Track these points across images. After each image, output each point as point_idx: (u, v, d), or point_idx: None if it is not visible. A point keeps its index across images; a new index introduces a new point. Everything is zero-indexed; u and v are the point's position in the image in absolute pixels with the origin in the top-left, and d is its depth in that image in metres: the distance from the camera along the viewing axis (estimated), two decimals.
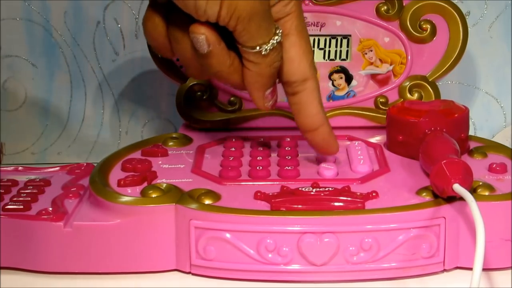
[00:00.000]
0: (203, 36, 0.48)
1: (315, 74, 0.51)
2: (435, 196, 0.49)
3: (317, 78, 0.52)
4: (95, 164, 0.58)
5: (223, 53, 0.49)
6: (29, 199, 0.53)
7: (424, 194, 0.50)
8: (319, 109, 0.52)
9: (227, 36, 0.49)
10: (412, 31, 0.66)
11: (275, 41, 0.49)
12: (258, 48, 0.48)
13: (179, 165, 0.57)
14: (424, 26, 0.66)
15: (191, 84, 0.66)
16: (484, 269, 0.43)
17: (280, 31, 0.49)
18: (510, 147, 0.60)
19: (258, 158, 0.57)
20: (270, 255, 0.48)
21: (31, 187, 0.56)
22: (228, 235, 0.48)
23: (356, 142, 0.60)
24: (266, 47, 0.48)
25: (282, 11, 0.50)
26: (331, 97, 0.67)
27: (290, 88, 0.52)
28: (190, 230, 0.49)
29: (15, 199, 0.53)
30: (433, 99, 0.66)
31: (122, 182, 0.53)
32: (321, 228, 0.48)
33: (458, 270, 0.50)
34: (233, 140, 0.62)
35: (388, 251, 0.48)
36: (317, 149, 0.54)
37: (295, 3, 0.50)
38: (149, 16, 0.50)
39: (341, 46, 0.67)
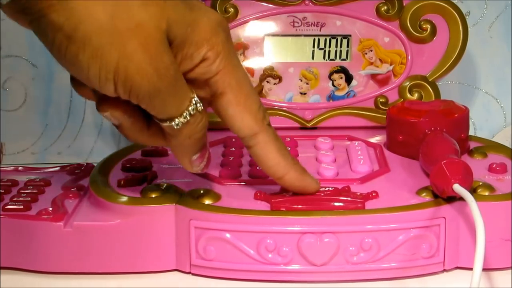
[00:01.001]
0: (107, 113, 0.45)
1: (264, 125, 0.47)
2: (435, 196, 0.49)
3: (270, 127, 0.48)
4: (95, 164, 0.58)
5: (136, 125, 0.46)
6: (29, 199, 0.53)
7: (424, 194, 0.50)
8: (277, 160, 0.48)
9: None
10: (412, 31, 0.66)
11: (187, 114, 0.44)
12: (168, 122, 0.44)
13: (179, 165, 0.56)
14: (424, 26, 0.66)
15: None
16: (484, 269, 0.43)
17: (196, 100, 0.44)
18: (510, 147, 0.60)
19: None
20: (270, 255, 0.48)
21: (31, 187, 0.56)
22: (228, 235, 0.48)
23: (356, 142, 0.60)
24: (178, 121, 0.44)
25: (208, 72, 0.45)
26: (331, 97, 0.67)
27: (243, 141, 0.48)
28: (190, 230, 0.49)
29: (15, 199, 0.53)
30: (433, 99, 0.66)
31: (122, 182, 0.53)
32: (321, 228, 0.48)
33: (458, 270, 0.50)
34: (233, 140, 0.62)
35: (388, 251, 0.48)
36: (295, 191, 0.50)
37: (222, 58, 0.45)
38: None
39: (341, 46, 0.67)
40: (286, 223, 0.48)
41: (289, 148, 0.59)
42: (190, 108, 0.44)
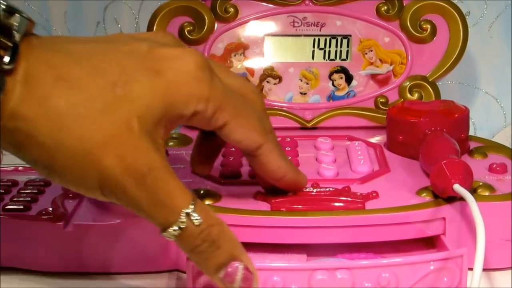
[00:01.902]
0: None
1: (267, 135, 0.46)
2: (435, 196, 0.49)
3: (272, 134, 0.47)
4: None
5: None
6: (29, 199, 0.53)
7: (424, 194, 0.50)
8: (279, 164, 0.47)
9: None
10: (412, 31, 0.66)
11: (177, 229, 0.40)
12: (163, 234, 0.41)
13: (179, 165, 0.57)
14: (424, 26, 0.66)
15: None
16: (484, 269, 0.43)
17: (188, 213, 0.40)
18: (510, 147, 0.60)
19: None
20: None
21: (31, 187, 0.56)
22: None
23: (356, 142, 0.60)
24: (168, 234, 0.41)
25: (204, 119, 0.43)
26: (331, 97, 0.67)
27: (247, 154, 0.47)
28: (187, 269, 0.45)
29: (15, 199, 0.53)
30: (433, 99, 0.66)
31: None
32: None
33: None
34: None
35: (408, 286, 0.45)
36: (287, 190, 0.50)
37: (214, 99, 0.42)
38: None
39: (341, 46, 0.67)
40: (286, 224, 0.48)
41: (289, 148, 0.59)
42: (179, 220, 0.40)
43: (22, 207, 0.52)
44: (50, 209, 0.51)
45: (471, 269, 0.43)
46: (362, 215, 0.48)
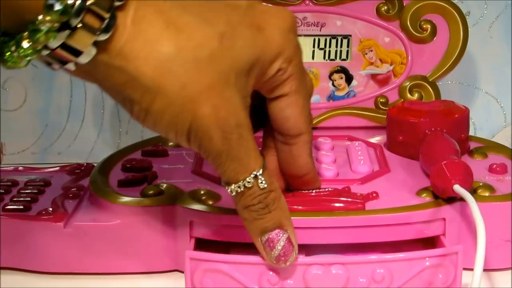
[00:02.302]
0: None
1: (309, 129, 0.47)
2: (436, 196, 0.49)
3: (311, 131, 0.48)
4: (95, 164, 0.58)
5: None
6: (29, 199, 0.53)
7: (424, 194, 0.50)
8: (307, 160, 0.48)
9: None
10: (413, 31, 0.66)
11: (242, 185, 0.43)
12: (226, 186, 0.43)
13: (179, 165, 0.57)
14: (424, 26, 0.66)
15: None
16: (484, 270, 0.43)
17: (257, 175, 0.43)
18: (510, 147, 0.60)
19: None
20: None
21: (31, 187, 0.56)
22: (225, 267, 0.45)
23: (356, 142, 0.60)
24: (232, 188, 0.43)
25: (277, 80, 0.44)
26: (331, 97, 0.67)
27: (283, 139, 0.48)
28: (185, 262, 0.45)
29: (15, 199, 0.53)
30: (433, 99, 0.66)
31: (122, 182, 0.53)
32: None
33: None
34: None
35: (402, 282, 0.45)
36: (299, 188, 0.51)
37: (293, 65, 0.44)
38: None
39: (341, 46, 0.66)
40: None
41: None
42: (247, 179, 0.42)
43: (22, 207, 0.52)
44: (50, 209, 0.51)
45: (471, 269, 0.43)
46: (362, 216, 0.48)
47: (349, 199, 0.49)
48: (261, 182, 0.43)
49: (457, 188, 0.47)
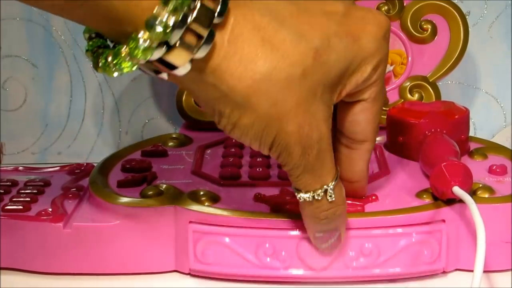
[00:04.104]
0: None
1: (374, 138, 0.47)
2: (435, 198, 0.49)
3: (375, 141, 0.48)
4: (95, 164, 0.58)
5: None
6: (29, 199, 0.53)
7: (424, 196, 0.50)
8: (363, 168, 0.48)
9: None
10: (413, 31, 0.66)
11: (311, 197, 0.44)
12: (295, 191, 0.44)
13: (179, 166, 0.57)
14: (424, 26, 0.66)
15: None
16: (484, 271, 0.43)
17: (327, 189, 0.44)
18: (510, 147, 0.60)
19: (258, 159, 0.57)
20: (268, 259, 0.48)
21: (31, 188, 0.56)
22: (226, 239, 0.48)
23: None
24: (302, 196, 0.44)
25: (362, 86, 0.44)
26: None
27: (346, 142, 0.47)
28: (188, 234, 0.48)
29: (14, 199, 0.53)
30: (434, 99, 0.66)
31: (121, 183, 0.53)
32: None
33: (458, 272, 0.50)
34: (233, 140, 0.62)
35: (388, 256, 0.47)
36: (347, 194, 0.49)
37: (379, 72, 0.44)
38: None
39: None
40: (286, 226, 0.48)
41: None
42: (318, 192, 0.44)
43: (21, 207, 0.52)
44: (50, 209, 0.51)
45: (471, 271, 0.43)
46: (362, 218, 0.48)
47: (349, 202, 0.49)
48: (330, 196, 0.44)
49: (457, 189, 0.47)
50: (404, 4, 0.66)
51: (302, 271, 0.48)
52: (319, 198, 0.44)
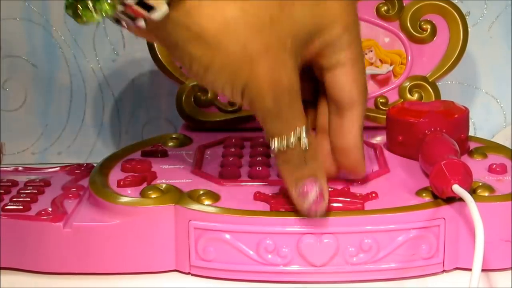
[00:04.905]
0: None
1: (363, 100, 0.49)
2: (435, 197, 0.49)
3: (364, 105, 0.50)
4: (95, 164, 0.58)
5: None
6: (29, 199, 0.53)
7: (424, 194, 0.50)
8: (356, 134, 0.50)
9: None
10: (412, 31, 0.66)
11: (284, 144, 0.46)
12: (270, 140, 0.46)
13: (178, 166, 0.57)
14: (424, 26, 0.66)
15: (191, 84, 0.66)
16: (484, 270, 0.43)
17: (300, 134, 0.46)
18: (510, 147, 0.60)
19: (258, 158, 0.57)
20: (269, 256, 0.48)
21: (31, 188, 0.56)
22: (227, 236, 0.48)
23: None
24: (275, 145, 0.46)
25: (335, 47, 0.47)
26: None
27: (337, 110, 0.50)
28: (190, 231, 0.49)
29: (14, 199, 0.53)
30: (433, 99, 0.66)
31: (121, 183, 0.53)
32: (320, 229, 0.48)
33: (457, 271, 0.50)
34: (233, 140, 0.62)
35: (387, 252, 0.48)
36: (345, 170, 0.52)
37: (350, 34, 0.47)
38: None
39: None
40: (286, 224, 0.48)
41: None
42: (291, 139, 0.45)
43: (21, 207, 0.52)
44: (50, 209, 0.51)
45: (470, 269, 0.43)
46: (362, 216, 0.48)
47: (348, 199, 0.49)
48: (303, 142, 0.46)
49: (456, 188, 0.47)
50: (404, 4, 0.66)
51: (303, 267, 0.48)
52: (292, 144, 0.45)
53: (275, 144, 0.46)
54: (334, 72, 0.48)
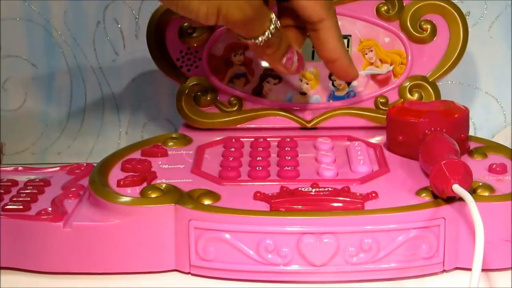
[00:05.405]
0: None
1: (331, 14, 0.56)
2: (435, 196, 0.49)
3: (335, 15, 0.57)
4: (95, 164, 0.58)
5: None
6: (29, 199, 0.53)
7: (424, 194, 0.50)
8: (335, 45, 0.57)
9: None
10: (412, 31, 0.66)
11: (269, 33, 0.53)
12: (253, 40, 0.53)
13: (178, 165, 0.57)
14: (424, 26, 0.66)
15: (191, 84, 0.66)
16: (484, 270, 0.43)
17: (274, 19, 0.53)
18: (510, 147, 0.60)
19: (257, 158, 0.57)
20: (269, 256, 0.48)
21: (31, 187, 0.56)
22: (227, 236, 0.48)
23: (356, 143, 0.60)
24: (261, 38, 0.53)
25: None
26: (331, 97, 0.67)
27: (309, 26, 0.57)
28: (190, 230, 0.49)
29: (14, 199, 0.53)
30: (433, 99, 0.66)
31: (121, 182, 0.53)
32: (320, 228, 0.48)
33: (457, 271, 0.50)
34: (233, 140, 0.62)
35: (387, 251, 0.48)
36: (338, 77, 0.63)
37: None
38: None
39: None
40: (286, 224, 0.48)
41: (289, 149, 0.59)
42: (271, 27, 0.53)
43: (21, 207, 0.52)
44: (50, 209, 0.51)
45: (470, 269, 0.43)
46: (362, 216, 0.48)
47: (348, 199, 0.49)
48: (278, 23, 0.54)
49: (456, 187, 0.47)
50: (404, 4, 0.66)
51: (303, 267, 0.48)
52: (273, 30, 0.54)
53: (259, 39, 0.53)
54: None
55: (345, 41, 0.66)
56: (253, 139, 0.62)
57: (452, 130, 0.56)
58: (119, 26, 0.77)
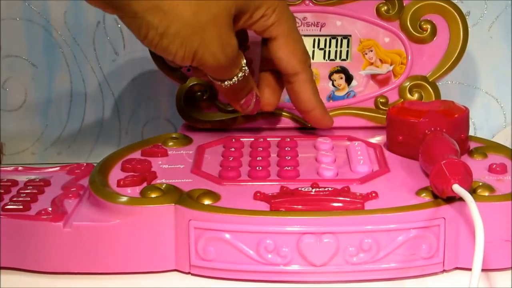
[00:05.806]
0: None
1: (305, 67, 0.58)
2: (435, 196, 0.49)
3: (310, 69, 0.59)
4: (95, 164, 0.58)
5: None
6: (29, 199, 0.53)
7: (424, 194, 0.50)
8: (310, 96, 0.59)
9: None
10: (412, 31, 0.66)
11: (236, 79, 0.56)
12: (220, 82, 0.56)
13: (178, 165, 0.57)
14: (424, 26, 0.66)
15: (191, 84, 0.66)
16: (484, 270, 0.43)
17: (244, 68, 0.57)
18: (510, 147, 0.60)
19: (257, 158, 0.57)
20: (269, 256, 0.48)
21: (31, 187, 0.56)
22: (227, 236, 0.48)
23: (356, 143, 0.60)
24: (227, 83, 0.56)
25: (265, 25, 0.56)
26: (331, 97, 0.67)
27: (285, 78, 0.59)
28: (190, 230, 0.49)
29: (14, 199, 0.53)
30: (433, 99, 0.66)
31: (121, 182, 0.53)
32: (320, 228, 0.48)
33: (457, 271, 0.50)
34: (233, 140, 0.62)
35: (387, 251, 0.48)
36: (313, 126, 0.63)
37: (278, 13, 0.56)
38: None
39: (341, 46, 0.67)
40: (286, 224, 0.48)
41: (289, 148, 0.59)
42: (239, 75, 0.56)
43: (21, 207, 0.52)
44: (50, 209, 0.51)
45: (470, 269, 0.43)
46: (362, 216, 0.48)
47: (348, 199, 0.49)
48: (246, 70, 0.57)
49: (456, 187, 0.47)
50: (404, 4, 0.66)
51: (303, 267, 0.48)
52: (241, 77, 0.56)
53: (226, 83, 0.56)
54: (272, 46, 0.57)
55: (345, 41, 0.66)
56: (253, 139, 0.62)
57: (452, 130, 0.56)
58: (119, 26, 0.77)
